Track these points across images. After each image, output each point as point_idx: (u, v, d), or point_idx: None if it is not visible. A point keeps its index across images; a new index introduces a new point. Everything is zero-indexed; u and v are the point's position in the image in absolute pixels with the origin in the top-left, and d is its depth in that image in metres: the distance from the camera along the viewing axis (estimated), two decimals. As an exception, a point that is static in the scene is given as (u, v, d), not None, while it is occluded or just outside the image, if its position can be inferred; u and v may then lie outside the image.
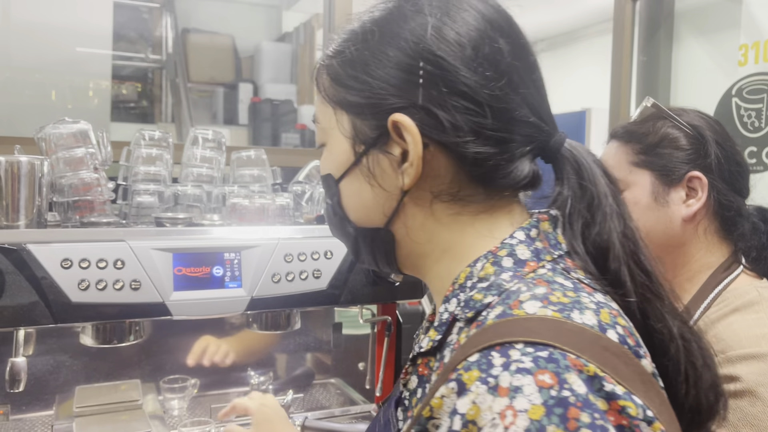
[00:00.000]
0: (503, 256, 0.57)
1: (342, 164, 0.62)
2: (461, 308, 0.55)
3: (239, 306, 1.12)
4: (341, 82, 0.61)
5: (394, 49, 0.57)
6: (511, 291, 0.52)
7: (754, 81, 1.84)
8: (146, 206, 1.29)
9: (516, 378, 0.43)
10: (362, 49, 0.59)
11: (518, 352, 0.45)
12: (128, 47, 3.61)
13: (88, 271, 1.02)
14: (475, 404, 0.44)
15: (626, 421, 0.43)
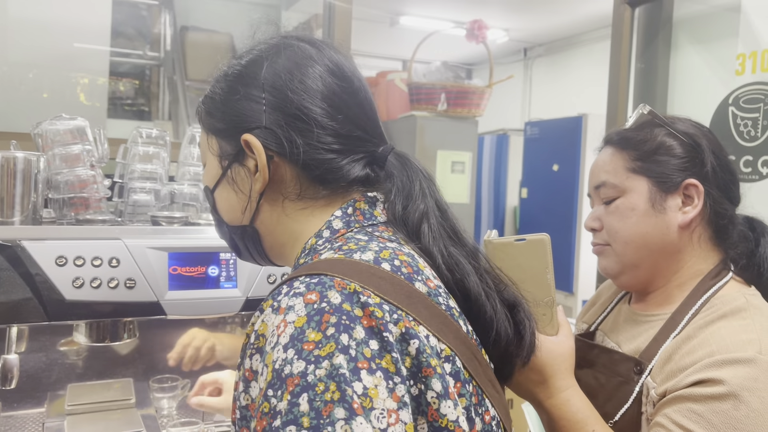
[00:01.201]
0: (323, 229, 0.72)
1: (214, 177, 0.78)
2: (291, 272, 0.69)
3: (234, 306, 1.11)
4: (211, 113, 0.78)
5: (246, 86, 0.74)
6: (319, 251, 0.69)
7: (751, 90, 1.85)
8: (142, 204, 1.28)
9: (291, 300, 0.58)
10: (225, 87, 0.76)
11: (298, 282, 0.60)
12: (126, 44, 3.60)
13: (83, 269, 1.01)
14: (263, 322, 0.58)
15: (374, 322, 0.57)
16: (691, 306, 0.94)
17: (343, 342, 0.55)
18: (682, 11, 2.20)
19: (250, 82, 0.74)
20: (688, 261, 0.99)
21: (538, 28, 5.44)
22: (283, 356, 0.54)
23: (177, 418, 1.35)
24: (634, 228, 0.97)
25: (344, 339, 0.55)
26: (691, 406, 0.81)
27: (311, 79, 0.73)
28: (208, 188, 0.80)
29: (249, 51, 0.78)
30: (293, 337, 0.55)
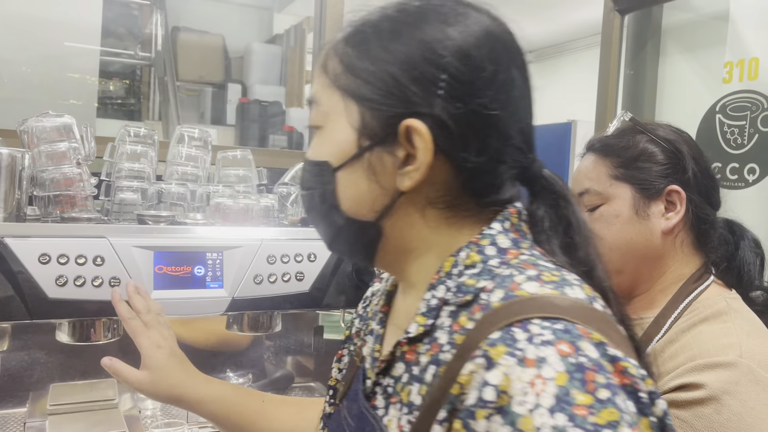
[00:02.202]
0: (486, 245, 0.61)
1: (343, 153, 0.62)
2: (453, 293, 0.59)
3: (220, 306, 1.11)
4: (357, 73, 0.61)
5: (419, 57, 0.59)
6: (504, 275, 0.57)
7: (738, 98, 1.86)
8: (129, 203, 1.27)
9: (540, 350, 0.48)
10: (385, 47, 0.60)
11: (537, 327, 0.50)
12: (117, 44, 3.58)
13: (67, 267, 1.00)
14: (506, 375, 0.48)
15: (628, 380, 0.49)
16: (673, 310, 0.95)
17: (621, 407, 0.46)
18: (671, 19, 2.22)
19: (427, 54, 0.59)
20: (671, 266, 1.00)
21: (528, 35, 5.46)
22: (551, 422, 0.45)
23: (161, 419, 1.34)
24: (619, 234, 0.98)
25: (620, 403, 0.47)
26: (673, 411, 0.81)
27: (503, 74, 0.61)
28: (329, 165, 0.63)
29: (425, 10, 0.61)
30: (559, 399, 0.45)
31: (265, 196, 1.34)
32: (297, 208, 1.45)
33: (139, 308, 0.97)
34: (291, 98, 3.69)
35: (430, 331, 0.59)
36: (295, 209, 1.45)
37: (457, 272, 0.61)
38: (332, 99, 0.63)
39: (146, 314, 0.96)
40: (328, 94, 0.63)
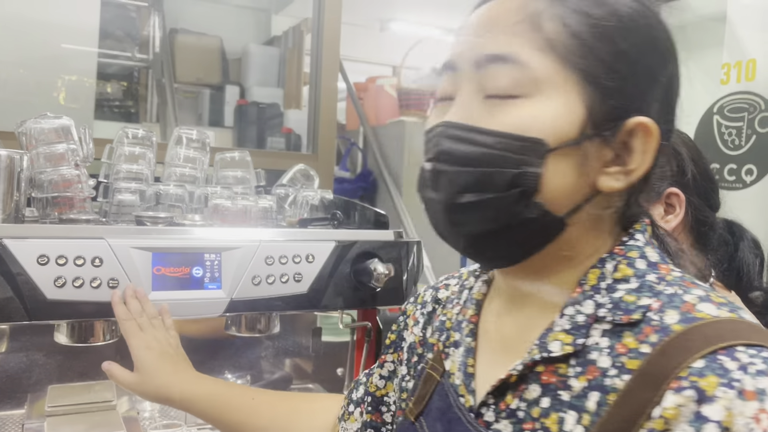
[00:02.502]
0: (635, 257, 0.57)
1: (561, 135, 0.54)
2: (608, 310, 0.55)
3: (218, 308, 1.11)
4: (596, 53, 0.54)
5: (659, 57, 0.57)
6: (669, 294, 0.54)
7: (736, 99, 1.87)
8: (127, 204, 1.27)
9: (758, 381, 0.45)
10: (629, 33, 0.55)
11: (745, 355, 0.47)
12: (115, 45, 3.58)
13: (65, 268, 1.00)
14: (728, 411, 0.45)
15: None
16: None
17: None
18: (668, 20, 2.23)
19: (663, 53, 0.57)
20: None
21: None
22: None
23: (159, 420, 1.34)
24: None
25: None
26: None
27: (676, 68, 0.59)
28: (543, 144, 0.54)
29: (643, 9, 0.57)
30: None
31: (263, 197, 1.34)
32: (295, 209, 1.45)
33: (133, 310, 0.98)
34: (289, 100, 3.69)
35: (580, 352, 0.54)
36: (293, 210, 1.45)
37: (606, 286, 0.56)
38: (546, 66, 0.54)
39: (140, 317, 0.98)
40: (539, 58, 0.54)
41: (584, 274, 0.58)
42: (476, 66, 0.56)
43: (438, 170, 0.57)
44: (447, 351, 0.68)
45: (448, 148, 0.56)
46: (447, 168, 0.56)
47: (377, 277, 1.16)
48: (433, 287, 0.81)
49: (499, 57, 0.55)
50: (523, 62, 0.54)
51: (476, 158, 0.54)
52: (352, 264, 1.20)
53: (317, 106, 1.93)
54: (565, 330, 0.56)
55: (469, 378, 0.63)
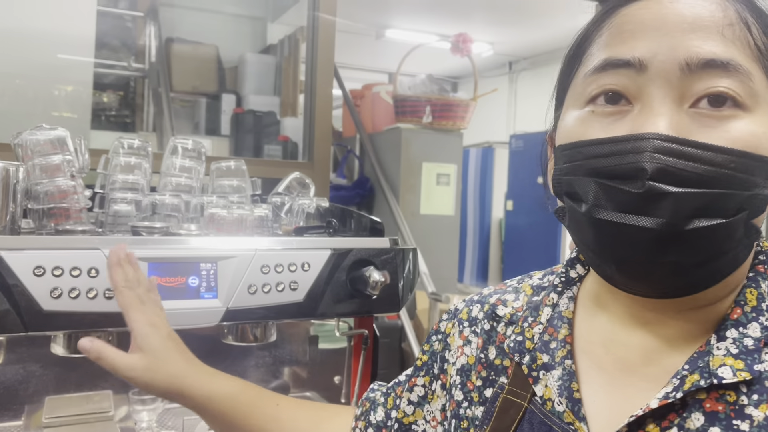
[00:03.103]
0: None
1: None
2: None
3: (214, 317, 1.11)
4: None
5: None
6: None
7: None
8: (123, 215, 1.28)
9: None
10: None
11: None
12: (111, 55, 3.59)
13: (61, 279, 1.00)
14: None
15: None
16: None
17: None
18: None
19: None
20: None
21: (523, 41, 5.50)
22: None
23: (156, 431, 1.34)
24: None
25: None
26: None
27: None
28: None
29: None
30: None
31: (259, 206, 1.34)
32: (291, 217, 1.46)
33: (130, 279, 0.85)
34: (285, 108, 3.70)
35: (755, 379, 0.50)
36: (289, 219, 1.45)
37: (767, 308, 0.53)
38: (762, 79, 0.51)
39: (138, 287, 0.84)
40: (757, 70, 0.51)
41: (738, 293, 0.55)
42: (686, 69, 0.50)
43: (658, 191, 0.48)
44: (534, 374, 0.61)
45: (671, 166, 0.48)
46: (672, 189, 0.48)
47: (373, 284, 1.17)
48: (479, 302, 0.73)
49: (721, 63, 0.49)
50: (745, 71, 0.50)
51: (708, 179, 0.48)
52: (348, 272, 1.20)
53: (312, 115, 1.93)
54: (732, 354, 0.52)
55: (577, 404, 0.57)
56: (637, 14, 0.53)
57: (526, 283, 0.72)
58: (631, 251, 0.50)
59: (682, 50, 0.50)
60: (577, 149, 0.53)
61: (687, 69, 0.50)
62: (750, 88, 0.50)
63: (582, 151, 0.53)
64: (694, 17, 0.50)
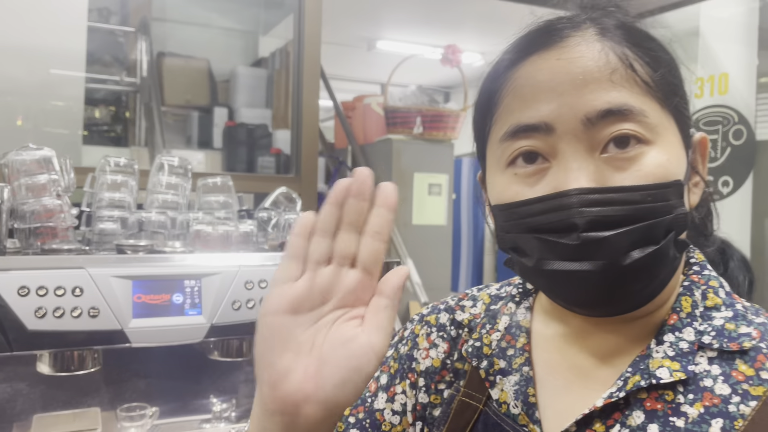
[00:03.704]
0: (717, 286, 0.61)
1: (683, 171, 0.56)
2: (714, 338, 0.56)
3: (199, 333, 1.12)
4: (671, 87, 0.57)
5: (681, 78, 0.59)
6: (759, 322, 0.57)
7: (710, 113, 1.90)
8: (109, 233, 1.29)
9: None
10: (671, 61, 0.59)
11: None
12: (102, 70, 3.61)
13: (46, 298, 1.02)
14: None
15: None
16: None
17: None
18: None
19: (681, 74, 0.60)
20: None
21: (513, 51, 5.52)
22: None
23: (145, 447, 1.34)
24: None
25: None
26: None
27: None
28: (681, 184, 0.56)
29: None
30: None
31: (244, 221, 1.36)
32: (278, 232, 1.47)
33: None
34: (277, 120, 3.72)
35: (689, 379, 0.55)
36: (275, 233, 1.47)
37: (700, 314, 0.58)
38: (655, 111, 0.55)
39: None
40: (648, 105, 0.55)
41: (674, 301, 0.59)
42: (587, 123, 0.54)
43: (592, 239, 0.53)
44: (491, 379, 0.65)
45: (598, 215, 0.53)
46: (604, 234, 0.53)
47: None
48: (445, 309, 0.75)
49: (617, 111, 0.54)
50: (640, 111, 0.54)
51: (633, 216, 0.53)
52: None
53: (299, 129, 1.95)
54: (669, 357, 0.56)
55: (532, 407, 0.61)
56: (533, 75, 0.57)
57: (485, 292, 0.75)
58: (583, 293, 0.55)
59: (580, 106, 0.54)
60: (511, 210, 0.58)
61: (588, 122, 0.54)
62: (647, 124, 0.55)
63: (516, 212, 0.57)
64: (584, 72, 0.55)
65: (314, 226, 0.53)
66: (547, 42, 0.58)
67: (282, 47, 3.86)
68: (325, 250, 0.53)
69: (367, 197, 0.52)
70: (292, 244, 0.53)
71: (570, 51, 0.56)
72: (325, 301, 0.52)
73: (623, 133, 0.54)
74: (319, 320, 0.52)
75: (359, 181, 0.52)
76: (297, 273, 0.53)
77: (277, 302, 0.52)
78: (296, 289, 0.52)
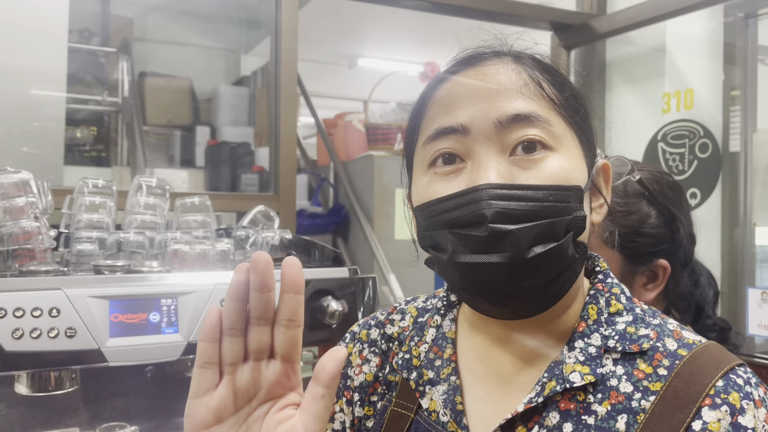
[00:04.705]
0: (619, 293, 0.66)
1: (583, 179, 0.63)
2: (617, 341, 0.62)
3: (175, 351, 1.14)
4: (576, 107, 0.64)
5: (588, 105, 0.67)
6: (655, 324, 0.64)
7: (677, 127, 1.96)
8: (86, 254, 1.31)
9: (758, 391, 0.58)
10: (582, 99, 0.66)
11: (742, 372, 0.59)
12: (84, 90, 3.62)
13: (23, 320, 1.03)
14: (755, 418, 0.56)
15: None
16: None
17: None
18: (614, 53, 2.33)
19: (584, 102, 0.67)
20: None
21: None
22: None
23: (124, 466, 1.35)
24: None
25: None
26: None
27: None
28: (581, 190, 0.61)
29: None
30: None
31: (221, 240, 1.38)
32: (255, 250, 1.49)
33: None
34: (260, 138, 3.74)
35: (597, 380, 0.61)
36: (253, 251, 1.49)
37: (605, 320, 0.64)
38: (559, 123, 0.62)
39: None
40: (554, 117, 0.62)
41: (582, 310, 0.65)
42: (499, 126, 0.61)
43: (499, 231, 0.57)
44: (421, 389, 0.68)
45: (505, 209, 0.57)
46: (510, 227, 0.57)
47: (331, 314, 1.20)
48: (375, 325, 0.78)
49: (525, 116, 0.61)
50: (546, 119, 0.61)
51: (536, 213, 0.58)
52: (308, 302, 1.24)
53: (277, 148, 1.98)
54: (580, 361, 0.62)
55: (459, 415, 0.65)
56: (454, 88, 0.65)
57: (412, 305, 0.79)
58: (492, 283, 0.60)
59: (493, 111, 0.61)
60: (430, 207, 0.63)
61: (500, 125, 0.61)
62: (552, 132, 0.61)
63: (434, 209, 0.62)
64: (498, 84, 0.62)
65: (220, 327, 0.52)
66: (469, 63, 0.66)
67: (263, 66, 3.90)
68: (238, 350, 0.52)
69: (271, 287, 0.52)
70: (202, 351, 0.52)
71: (488, 69, 0.64)
72: (250, 398, 0.53)
73: (530, 137, 0.60)
74: (248, 417, 0.54)
75: (259, 271, 0.51)
76: (214, 380, 0.53)
77: (202, 416, 0.52)
78: (218, 398, 0.52)
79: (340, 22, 4.53)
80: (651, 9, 1.95)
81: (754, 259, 1.99)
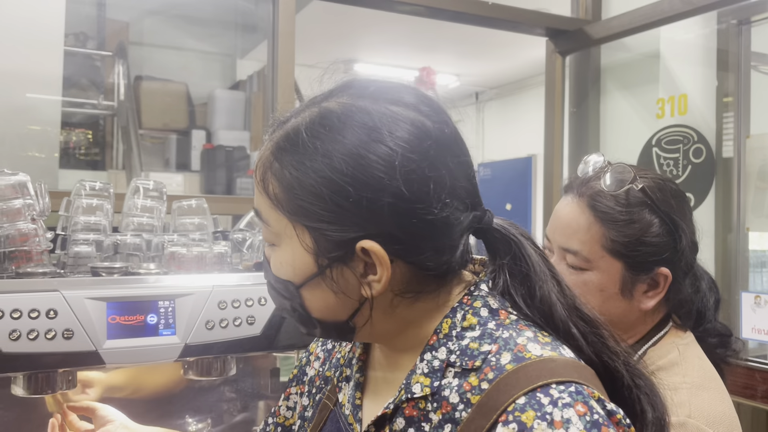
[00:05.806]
0: (479, 307, 0.67)
1: (303, 274, 0.65)
2: (458, 356, 0.65)
3: (173, 353, 1.14)
4: (300, 198, 0.63)
5: (360, 181, 0.61)
6: (505, 338, 0.64)
7: (671, 132, 1.98)
8: (83, 256, 1.31)
9: (564, 412, 0.56)
10: (321, 171, 0.62)
11: (556, 391, 0.57)
12: (79, 94, 3.62)
13: (20, 321, 1.03)
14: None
15: (623, 429, 0.58)
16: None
17: None
18: (608, 59, 2.35)
19: (366, 176, 0.61)
20: (637, 327, 1.01)
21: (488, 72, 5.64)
22: None
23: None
24: (599, 306, 0.95)
25: None
26: None
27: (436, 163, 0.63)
28: (292, 284, 0.66)
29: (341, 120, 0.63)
30: None
31: (218, 243, 1.38)
32: (252, 252, 1.50)
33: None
34: (256, 142, 3.74)
35: (438, 391, 0.65)
36: (250, 254, 1.49)
37: (456, 334, 0.66)
38: (280, 221, 0.65)
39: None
40: (274, 216, 0.65)
41: (439, 323, 0.68)
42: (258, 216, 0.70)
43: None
44: (340, 385, 0.78)
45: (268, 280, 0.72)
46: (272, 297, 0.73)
47: None
48: None
49: (257, 212, 0.69)
50: (265, 220, 0.67)
51: (273, 294, 0.72)
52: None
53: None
54: (425, 373, 0.66)
55: (357, 409, 0.73)
56: None
57: None
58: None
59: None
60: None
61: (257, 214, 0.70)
62: (273, 233, 0.67)
63: None
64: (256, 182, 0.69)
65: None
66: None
67: (259, 70, 3.90)
68: None
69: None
70: None
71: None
72: None
73: (264, 233, 0.70)
74: None
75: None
76: None
77: None
78: None
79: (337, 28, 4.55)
80: (645, 15, 1.97)
81: (748, 263, 2.00)
